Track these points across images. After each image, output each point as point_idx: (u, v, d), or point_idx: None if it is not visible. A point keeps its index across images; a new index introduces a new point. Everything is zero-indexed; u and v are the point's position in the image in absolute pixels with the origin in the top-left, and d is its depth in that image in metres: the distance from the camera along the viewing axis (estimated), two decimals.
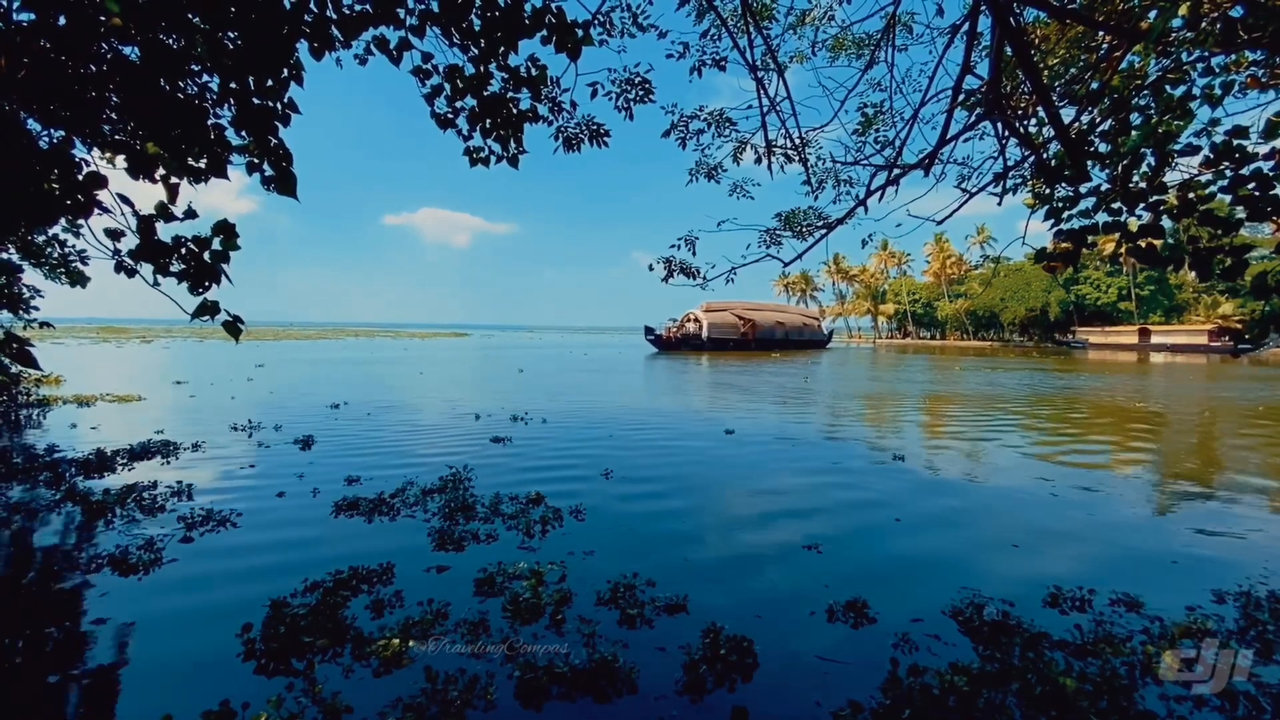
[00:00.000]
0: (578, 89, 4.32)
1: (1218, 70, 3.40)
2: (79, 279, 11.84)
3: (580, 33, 3.44)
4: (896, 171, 4.27)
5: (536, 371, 28.04)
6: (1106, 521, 6.55)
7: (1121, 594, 4.63)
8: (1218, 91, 3.29)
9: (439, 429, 11.77)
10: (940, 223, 3.97)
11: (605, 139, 4.62)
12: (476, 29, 3.47)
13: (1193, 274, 68.33)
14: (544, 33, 3.43)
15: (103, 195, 2.63)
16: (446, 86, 3.76)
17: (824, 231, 5.24)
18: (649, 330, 55.42)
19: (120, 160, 2.93)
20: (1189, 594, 4.70)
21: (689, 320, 58.33)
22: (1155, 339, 63.60)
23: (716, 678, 3.55)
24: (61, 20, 2.55)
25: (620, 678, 3.51)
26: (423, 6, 3.42)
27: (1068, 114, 3.86)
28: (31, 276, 12.01)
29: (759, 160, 5.74)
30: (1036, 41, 4.72)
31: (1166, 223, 3.08)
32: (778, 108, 5.02)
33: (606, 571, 4.91)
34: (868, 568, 5.22)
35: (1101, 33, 4.17)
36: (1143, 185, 3.07)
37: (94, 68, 2.94)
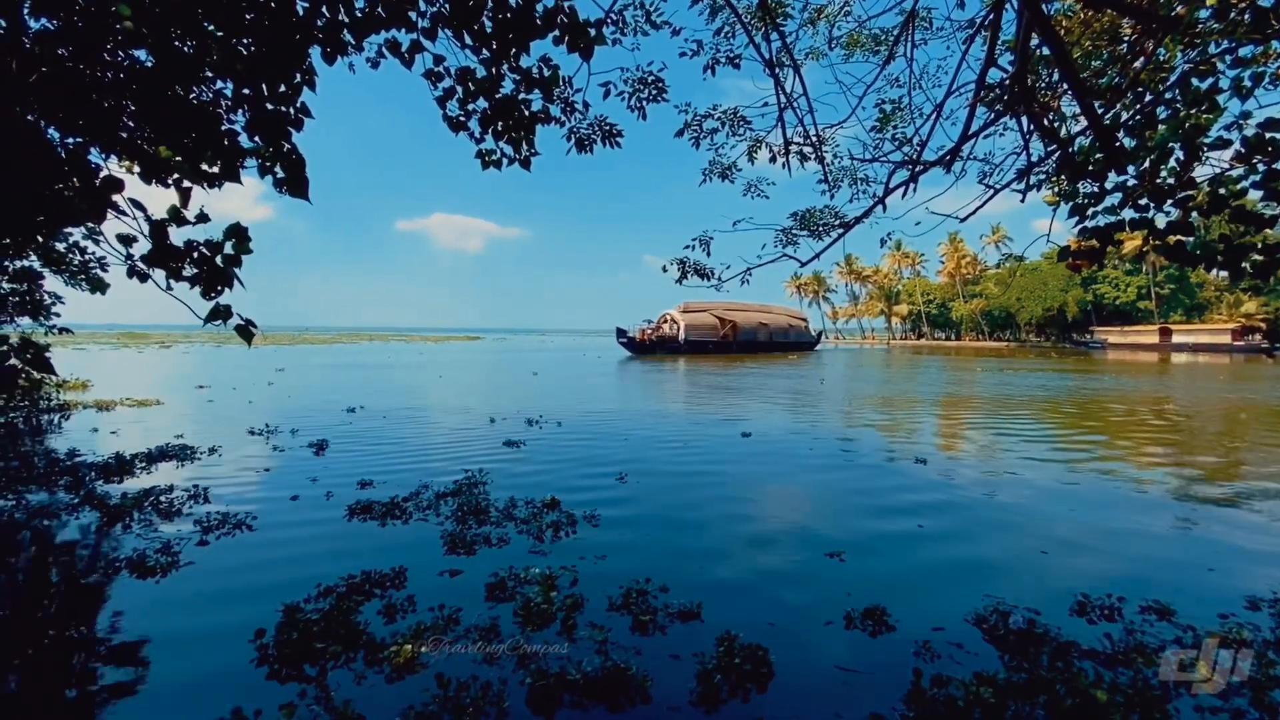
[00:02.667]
0: (590, 89, 4.29)
1: (1247, 61, 3.29)
2: (99, 285, 12.01)
3: (593, 32, 3.41)
4: (917, 169, 4.19)
5: (550, 375, 28.09)
6: (1138, 528, 6.37)
7: (1152, 602, 4.49)
8: (1247, 83, 3.18)
9: (453, 433, 11.78)
10: (963, 220, 3.88)
11: (618, 139, 4.58)
12: (488, 30, 3.45)
13: (1214, 272, 67.14)
14: (556, 33, 3.41)
15: (117, 200, 2.63)
16: (458, 89, 3.74)
17: (841, 231, 5.16)
18: (620, 332, 50.17)
19: (135, 165, 2.94)
20: (1223, 602, 4.55)
21: (665, 321, 54.60)
22: (1176, 338, 62.45)
23: (731, 688, 3.48)
24: (75, 24, 2.56)
25: (633, 686, 3.45)
26: (434, 9, 3.41)
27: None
28: (52, 283, 12.20)
29: (774, 159, 5.67)
30: (1060, 34, 4.61)
31: (1194, 219, 2.98)
32: (794, 104, 4.95)
33: (619, 577, 4.85)
34: (888, 575, 5.11)
35: (1127, 24, 4.07)
36: (1171, 181, 2.97)
37: (109, 74, 2.95)
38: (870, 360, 45.21)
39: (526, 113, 3.80)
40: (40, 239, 9.21)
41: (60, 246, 11.37)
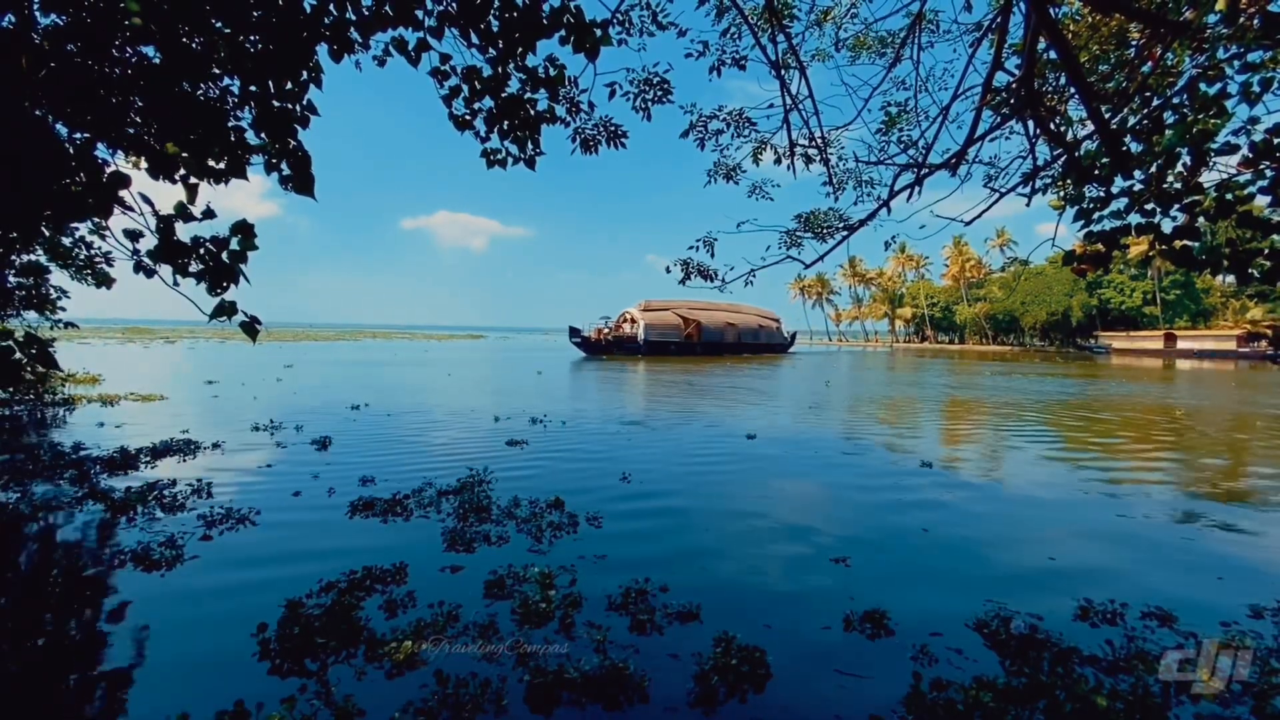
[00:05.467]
0: (595, 89, 4.29)
1: (1256, 66, 3.28)
2: (104, 280, 12.07)
3: (599, 32, 3.41)
4: (923, 172, 4.18)
5: (554, 374, 28.11)
6: (1146, 535, 6.34)
7: (1155, 608, 4.47)
8: (1256, 89, 3.17)
9: (456, 431, 11.81)
10: (968, 223, 3.87)
11: (623, 140, 4.58)
12: (495, 30, 3.45)
13: (1219, 278, 66.71)
14: (562, 32, 3.41)
15: (124, 195, 2.64)
16: (464, 88, 3.75)
17: (845, 233, 5.15)
18: (574, 331, 45.96)
19: (142, 161, 2.95)
20: (1225, 609, 4.53)
21: (625, 320, 50.79)
22: (1182, 344, 62.15)
23: (729, 689, 3.48)
24: (84, 20, 2.57)
25: (631, 685, 3.45)
26: (441, 7, 3.41)
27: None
28: (58, 278, 12.26)
29: (779, 161, 5.66)
30: (1068, 38, 4.60)
31: (1201, 223, 2.97)
32: (799, 106, 4.95)
33: (618, 577, 4.85)
34: (890, 578, 5.10)
35: (1135, 28, 4.05)
36: (1177, 186, 2.95)
37: (117, 71, 2.97)
38: (874, 363, 45.11)
39: (532, 112, 3.81)
40: (47, 233, 9.26)
41: (66, 241, 11.43)
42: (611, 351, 46.71)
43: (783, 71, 4.78)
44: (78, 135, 2.87)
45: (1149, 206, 2.98)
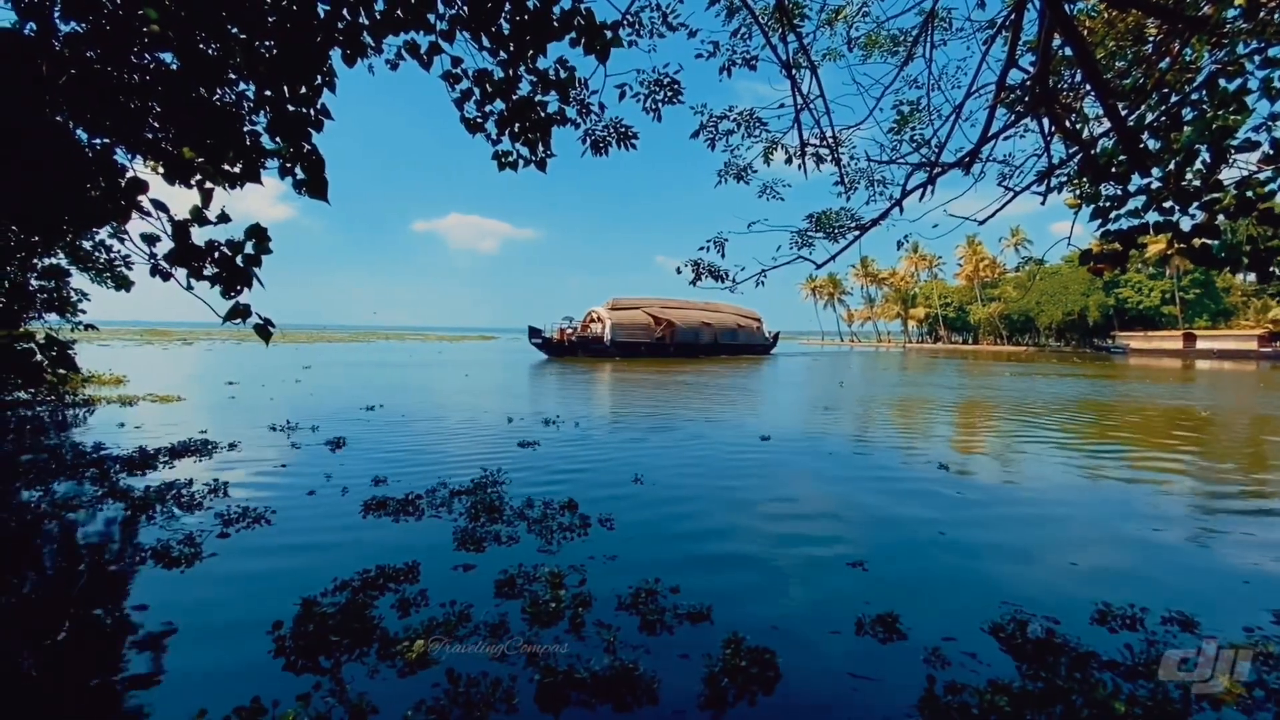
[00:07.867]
0: (606, 91, 4.30)
1: (1276, 62, 3.22)
2: (124, 283, 12.28)
3: (609, 34, 3.42)
4: (936, 171, 4.14)
5: (567, 377, 28.18)
6: (1168, 538, 6.24)
7: (1176, 613, 4.39)
8: (1277, 85, 3.11)
9: (469, 432, 11.87)
10: (982, 223, 3.83)
11: (633, 141, 4.58)
12: (506, 32, 3.47)
13: (1239, 276, 65.49)
14: (573, 35, 3.42)
15: (142, 200, 2.69)
16: (476, 91, 3.77)
17: (857, 233, 5.12)
18: (534, 332, 42.54)
19: (159, 166, 3.00)
20: (1248, 615, 4.44)
21: (593, 320, 47.40)
22: (1201, 344, 61.08)
23: (738, 690, 3.46)
24: (104, 27, 2.61)
25: (641, 686, 3.45)
26: (453, 11, 3.44)
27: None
28: (78, 280, 12.49)
29: (790, 161, 5.64)
30: (1083, 35, 4.54)
31: (1221, 221, 2.92)
32: (811, 106, 4.93)
33: (629, 577, 4.85)
34: (905, 582, 5.05)
35: (1152, 24, 3.99)
36: (1196, 183, 2.91)
37: (136, 76, 3.02)
38: (887, 363, 44.76)
39: (543, 114, 3.82)
40: (68, 237, 9.44)
41: (87, 245, 11.64)
42: (576, 353, 43.54)
43: (794, 71, 4.76)
44: (97, 141, 2.93)
45: (1167, 205, 2.93)
